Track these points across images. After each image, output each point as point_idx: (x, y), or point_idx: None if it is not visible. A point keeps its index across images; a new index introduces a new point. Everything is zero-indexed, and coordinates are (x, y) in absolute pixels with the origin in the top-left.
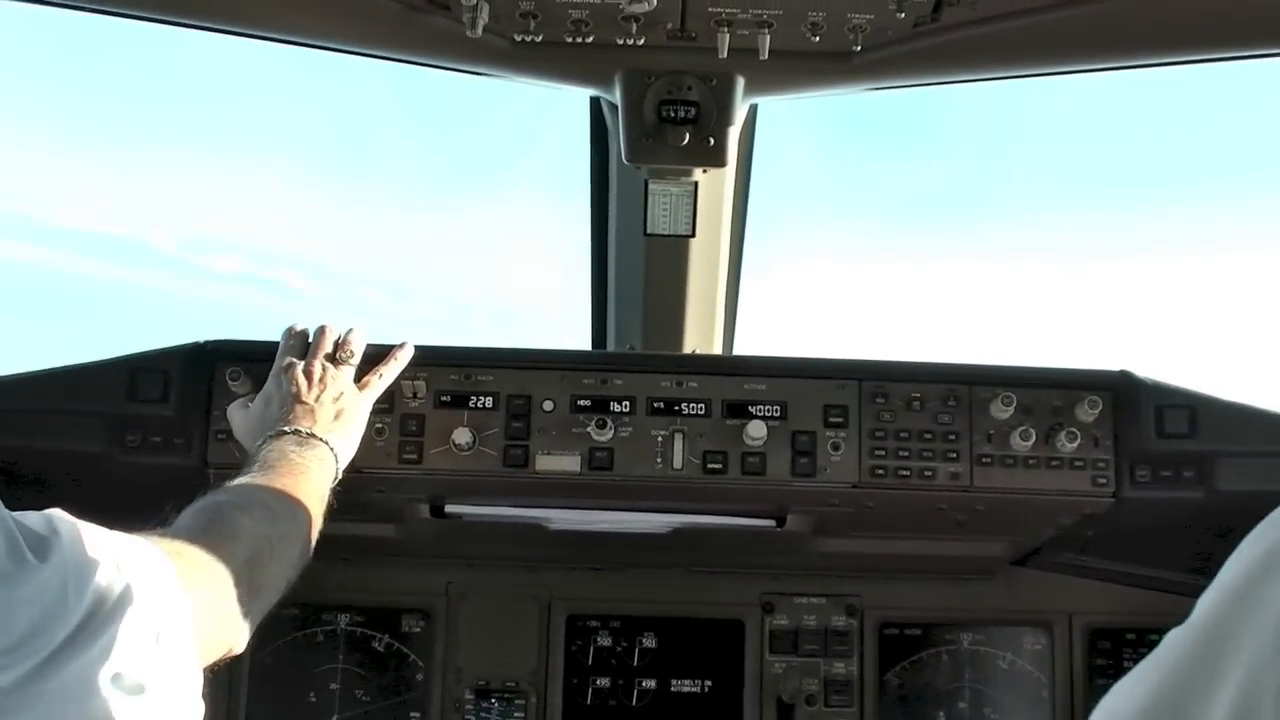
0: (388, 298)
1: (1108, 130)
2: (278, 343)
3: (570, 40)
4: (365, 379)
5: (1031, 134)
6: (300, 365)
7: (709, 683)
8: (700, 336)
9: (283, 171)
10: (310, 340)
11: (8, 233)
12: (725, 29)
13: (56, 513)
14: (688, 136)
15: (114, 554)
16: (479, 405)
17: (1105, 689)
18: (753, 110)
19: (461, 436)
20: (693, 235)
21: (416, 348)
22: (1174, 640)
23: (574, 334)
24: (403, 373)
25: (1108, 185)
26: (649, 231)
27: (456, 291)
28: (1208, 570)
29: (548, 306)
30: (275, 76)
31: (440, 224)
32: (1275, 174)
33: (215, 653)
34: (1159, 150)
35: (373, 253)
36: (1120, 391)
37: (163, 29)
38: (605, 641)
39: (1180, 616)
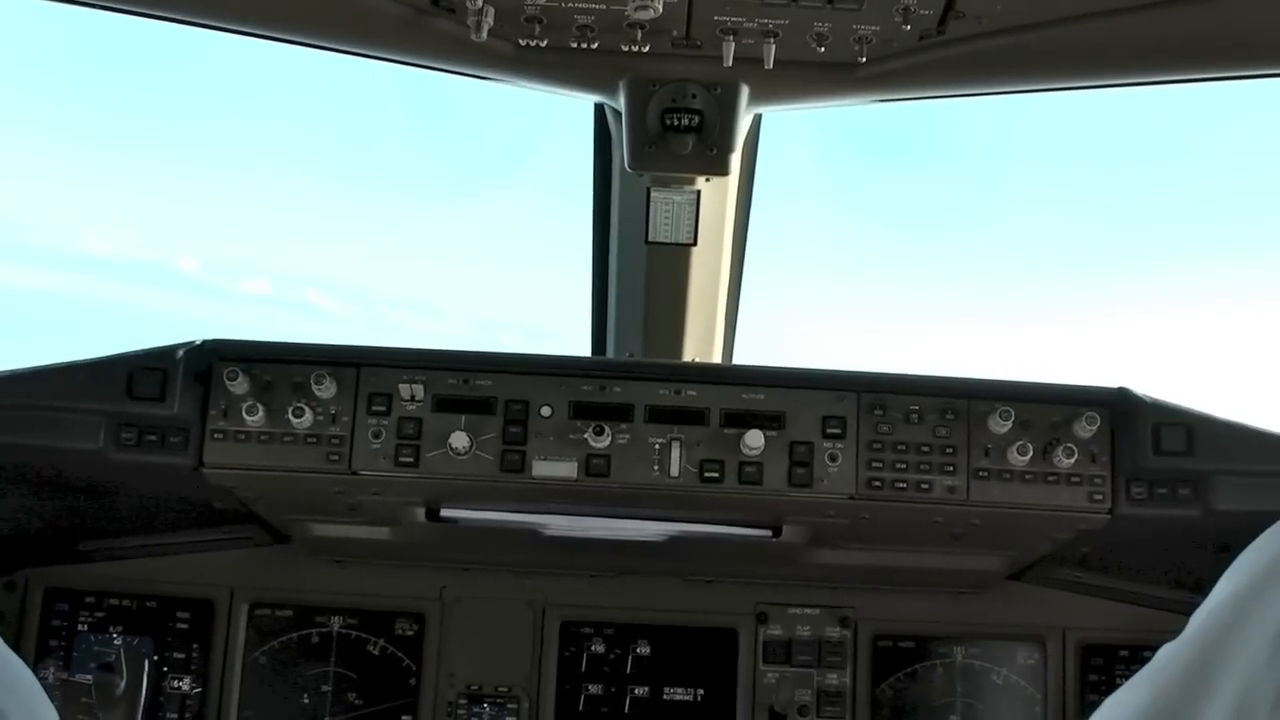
0: (416, 316)
1: (1110, 146)
2: (277, 343)
3: (575, 46)
4: None
5: (1034, 148)
6: None
7: (702, 691)
8: (700, 345)
9: (300, 191)
10: None
11: (35, 260)
12: (730, 38)
13: None
14: (691, 145)
15: None
16: (477, 410)
17: (1097, 705)
18: (756, 120)
19: (459, 441)
20: (694, 244)
21: (415, 351)
22: (1168, 654)
23: (574, 340)
24: (401, 376)
25: (1109, 200)
26: (650, 239)
27: (484, 307)
28: (1202, 588)
29: (547, 312)
30: (287, 96)
31: (445, 233)
32: (1275, 192)
33: None
34: (1160, 166)
35: (395, 268)
36: (1118, 408)
37: (171, 46)
38: (599, 648)
39: (1174, 634)
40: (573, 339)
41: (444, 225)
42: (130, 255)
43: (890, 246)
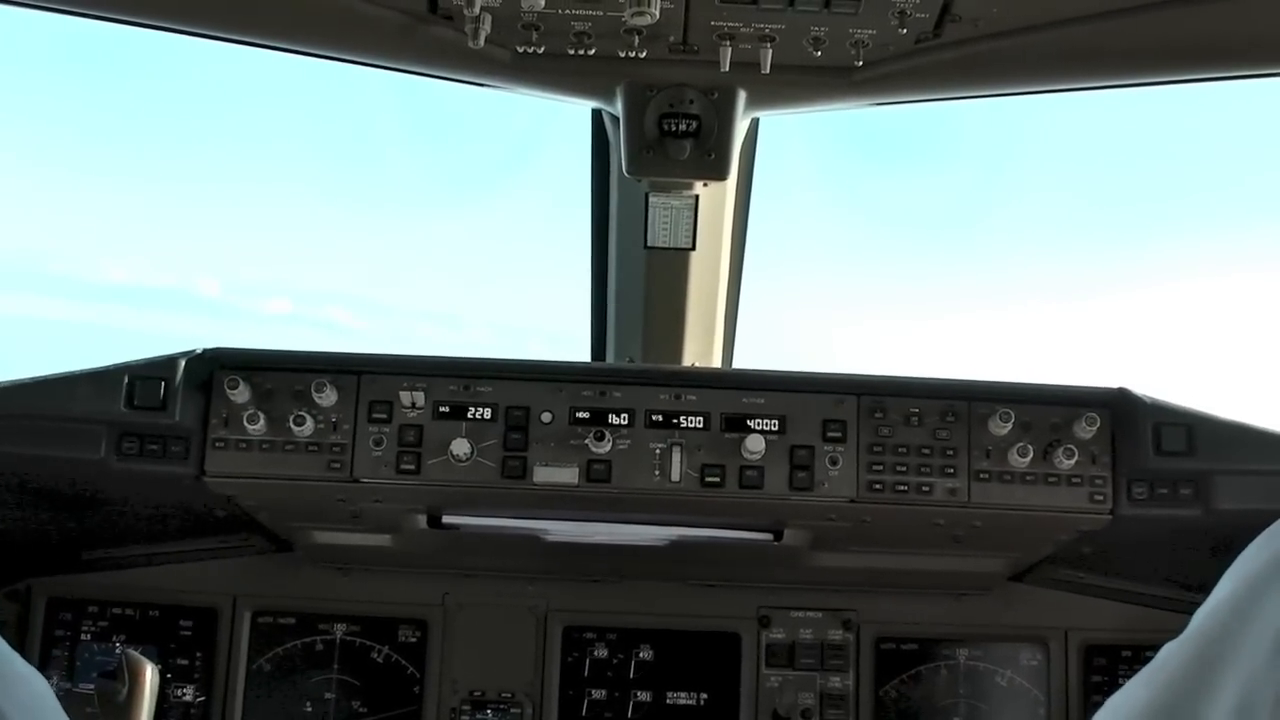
0: (438, 328)
1: (1108, 147)
2: (277, 351)
3: (572, 52)
4: None
5: (1032, 150)
6: None
7: (705, 696)
8: (699, 350)
9: (312, 206)
10: None
11: (55, 290)
12: (727, 43)
13: None
14: (689, 150)
15: None
16: (477, 416)
17: (1101, 706)
18: (754, 124)
19: (460, 447)
20: (693, 248)
21: (415, 358)
22: (1171, 652)
23: (573, 346)
24: (402, 383)
25: (1108, 202)
26: (649, 244)
27: (505, 315)
28: (1205, 588)
29: (543, 317)
30: (290, 112)
31: (453, 242)
32: (1275, 192)
33: None
34: (1159, 167)
35: (413, 281)
36: (1118, 409)
37: (175, 67)
38: (601, 653)
39: (1177, 634)
40: (573, 344)
41: (449, 234)
42: (150, 281)
43: (889, 248)
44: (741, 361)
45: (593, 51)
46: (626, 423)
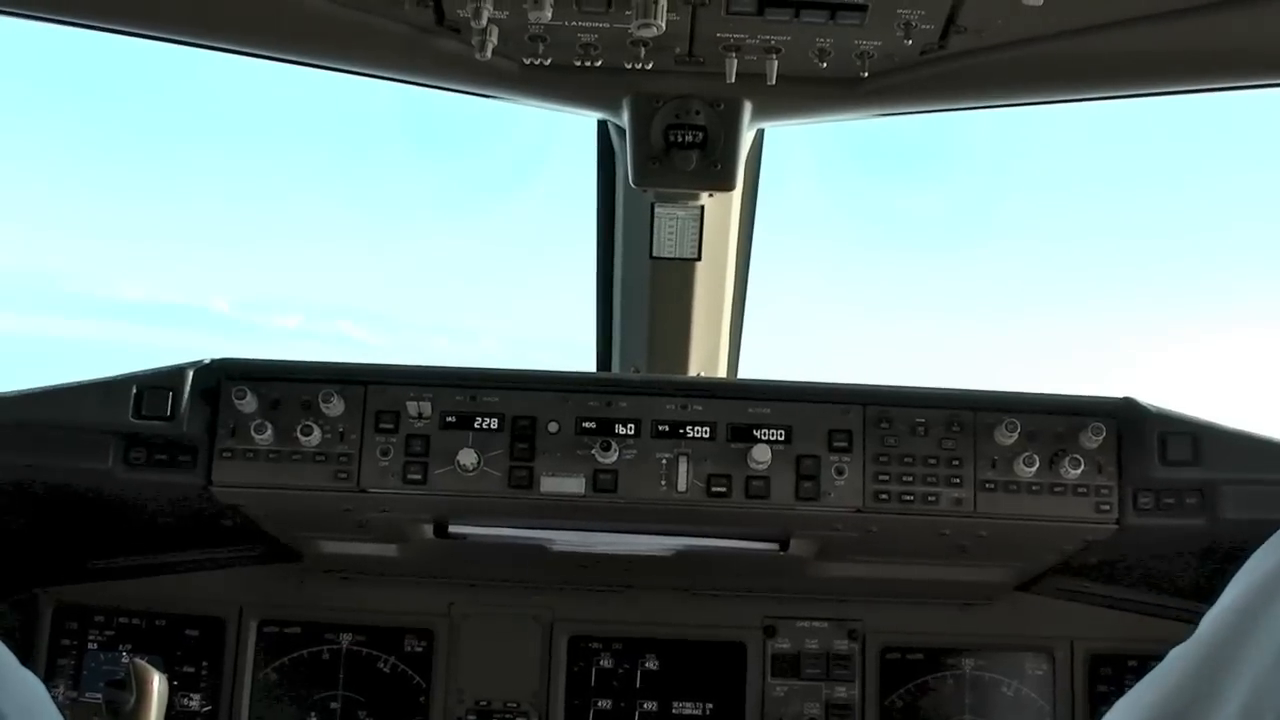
0: (451, 341)
1: (1113, 157)
2: (284, 362)
3: (579, 64)
4: None
5: (1037, 160)
6: None
7: (710, 705)
8: (705, 360)
9: (319, 221)
10: None
11: (69, 309)
12: (733, 54)
13: None
14: (695, 160)
15: None
16: (484, 426)
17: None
18: (759, 135)
19: (466, 457)
20: (698, 258)
21: (422, 369)
22: (1177, 657)
23: (579, 356)
24: (409, 393)
25: (1113, 211)
26: (655, 254)
27: (518, 327)
28: (1211, 597)
29: (553, 328)
30: (296, 127)
31: (461, 253)
32: (1277, 201)
33: None
34: (1163, 177)
35: (424, 294)
36: (1124, 419)
37: (182, 84)
38: (607, 663)
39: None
40: (578, 355)
41: (456, 246)
42: (162, 298)
43: (895, 258)
44: (747, 371)
45: (599, 63)
46: (633, 433)
